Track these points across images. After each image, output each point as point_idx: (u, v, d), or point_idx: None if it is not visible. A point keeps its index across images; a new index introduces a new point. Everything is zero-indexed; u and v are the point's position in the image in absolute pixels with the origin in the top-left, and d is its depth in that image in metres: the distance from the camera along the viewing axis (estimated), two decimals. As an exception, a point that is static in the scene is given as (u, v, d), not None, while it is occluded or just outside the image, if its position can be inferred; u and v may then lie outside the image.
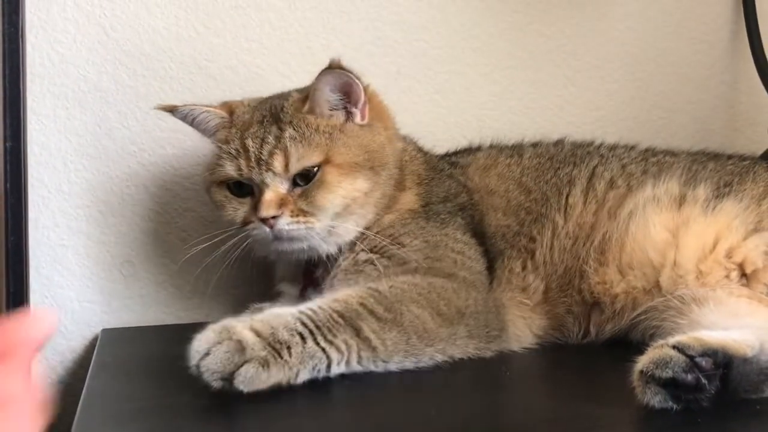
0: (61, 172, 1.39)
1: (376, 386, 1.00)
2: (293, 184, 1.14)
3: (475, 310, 1.10)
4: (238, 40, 1.44)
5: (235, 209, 1.16)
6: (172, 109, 1.22)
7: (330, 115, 1.16)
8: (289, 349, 0.93)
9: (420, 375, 1.04)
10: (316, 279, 1.21)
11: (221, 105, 1.23)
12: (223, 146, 1.17)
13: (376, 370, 1.01)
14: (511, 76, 1.60)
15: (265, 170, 1.13)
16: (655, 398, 0.86)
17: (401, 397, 0.99)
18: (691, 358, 0.86)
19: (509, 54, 1.59)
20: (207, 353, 0.91)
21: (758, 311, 1.06)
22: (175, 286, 1.44)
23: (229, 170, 1.16)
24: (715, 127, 1.71)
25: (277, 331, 0.94)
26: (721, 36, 1.70)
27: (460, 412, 0.93)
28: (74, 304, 1.41)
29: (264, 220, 1.11)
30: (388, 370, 1.02)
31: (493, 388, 1.05)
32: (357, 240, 1.17)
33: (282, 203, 1.12)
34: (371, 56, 1.50)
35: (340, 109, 1.17)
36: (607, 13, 1.64)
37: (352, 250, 1.17)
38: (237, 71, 1.44)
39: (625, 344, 1.15)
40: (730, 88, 1.72)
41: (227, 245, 1.16)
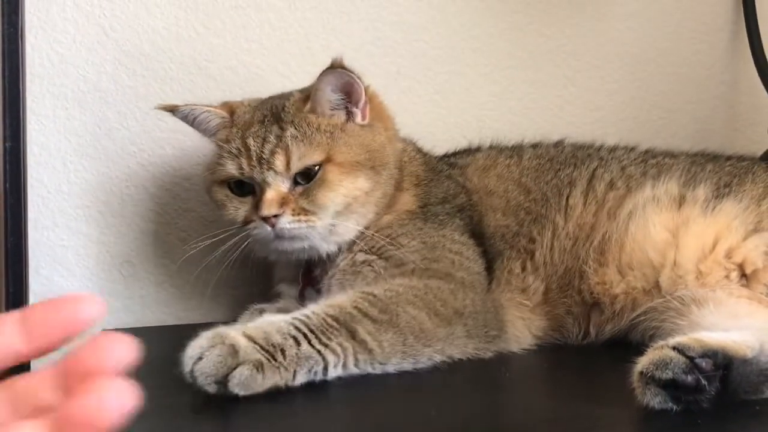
0: (61, 172, 1.39)
1: (376, 386, 1.00)
2: (294, 183, 1.14)
3: (473, 310, 1.09)
4: (238, 41, 1.44)
5: (237, 208, 1.17)
6: (173, 109, 1.22)
7: (331, 115, 1.17)
8: (283, 351, 0.93)
9: (420, 375, 1.04)
10: (315, 278, 1.22)
11: (222, 105, 1.23)
12: (224, 145, 1.17)
13: (374, 372, 1.01)
14: (511, 77, 1.60)
15: (267, 169, 1.13)
16: (654, 399, 0.86)
17: (401, 397, 0.99)
18: (691, 359, 0.86)
19: (509, 54, 1.59)
20: (200, 358, 0.90)
21: (758, 312, 1.06)
22: (174, 286, 1.44)
23: (231, 169, 1.16)
24: (715, 128, 1.71)
25: (270, 336, 0.94)
26: (721, 36, 1.70)
27: (459, 412, 0.93)
28: (74, 304, 1.40)
29: (265, 219, 1.11)
30: (387, 372, 1.02)
31: (493, 389, 1.05)
32: (357, 239, 1.17)
33: (283, 202, 1.12)
34: (371, 56, 1.50)
35: (341, 109, 1.17)
36: (607, 13, 1.64)
37: (351, 250, 1.17)
38: (237, 72, 1.44)
39: (625, 345, 1.15)
40: (730, 89, 1.72)
41: (227, 245, 1.16)
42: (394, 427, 0.90)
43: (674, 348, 0.87)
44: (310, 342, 0.95)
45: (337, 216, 1.14)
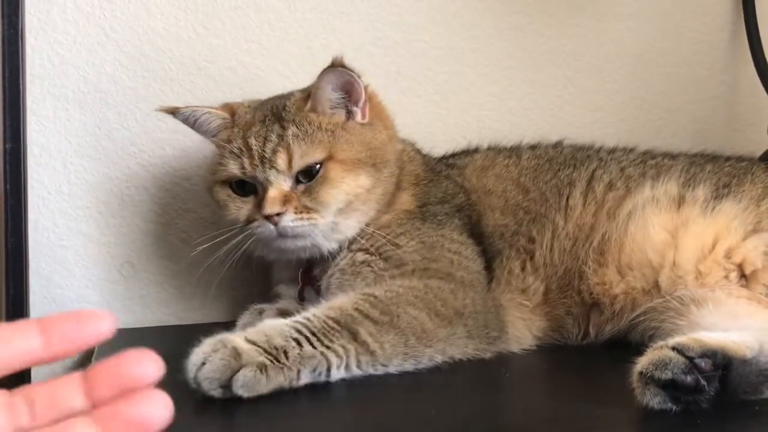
0: (61, 173, 1.39)
1: (377, 387, 1.00)
2: (296, 181, 1.14)
3: (474, 310, 1.10)
4: (238, 41, 1.44)
5: (239, 208, 1.17)
6: (174, 111, 1.22)
7: (332, 114, 1.17)
8: (286, 353, 0.93)
9: (420, 376, 1.04)
10: (314, 278, 1.22)
11: (222, 106, 1.23)
12: (226, 146, 1.17)
13: (376, 373, 1.01)
14: (511, 77, 1.60)
15: (269, 168, 1.13)
16: (654, 399, 0.86)
17: (401, 397, 0.99)
18: (691, 359, 0.86)
19: (509, 54, 1.59)
20: (203, 363, 0.90)
21: (757, 312, 1.06)
22: (175, 286, 1.45)
23: (233, 169, 1.16)
24: (714, 128, 1.71)
25: (272, 339, 0.94)
26: (721, 36, 1.70)
27: (460, 413, 0.93)
28: (74, 304, 1.41)
29: (268, 218, 1.12)
30: (388, 373, 1.02)
31: (493, 389, 1.05)
32: (358, 237, 1.17)
33: (286, 200, 1.12)
34: (371, 57, 1.50)
35: (341, 108, 1.18)
36: (607, 13, 1.64)
37: (351, 249, 1.18)
38: (237, 72, 1.44)
39: (625, 345, 1.15)
40: (729, 89, 1.72)
41: (229, 245, 1.16)
42: (395, 427, 0.90)
43: (674, 348, 0.88)
44: (312, 344, 0.96)
45: (339, 214, 1.15)
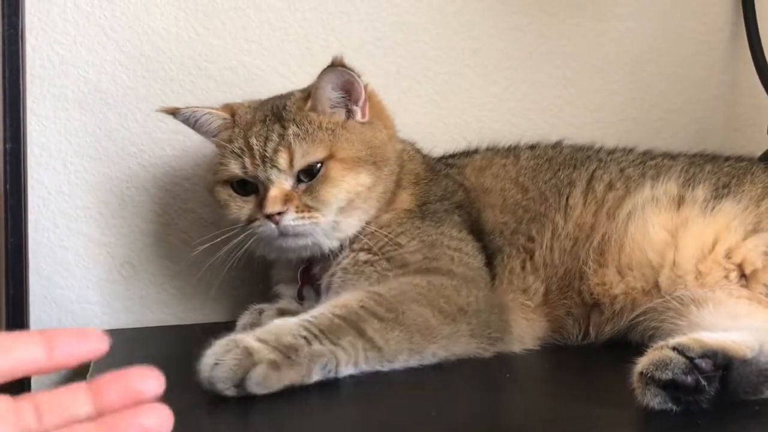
0: (61, 173, 1.39)
1: (377, 386, 1.00)
2: (297, 180, 1.14)
3: (477, 308, 1.10)
4: (238, 41, 1.45)
5: (240, 207, 1.17)
6: (174, 112, 1.22)
7: (332, 113, 1.18)
8: (296, 351, 0.94)
9: (421, 375, 1.04)
10: (313, 276, 1.22)
11: (223, 107, 1.23)
12: (227, 146, 1.18)
13: (383, 369, 1.01)
14: (511, 77, 1.60)
15: (270, 167, 1.13)
16: (654, 400, 0.86)
17: (402, 397, 0.99)
18: (691, 359, 0.86)
19: (509, 55, 1.59)
20: (216, 363, 0.91)
21: (757, 312, 1.06)
22: (175, 287, 1.45)
23: (234, 169, 1.16)
24: (714, 128, 1.71)
25: (282, 337, 0.95)
26: (721, 37, 1.70)
27: (460, 412, 0.93)
28: (74, 305, 1.41)
29: (269, 217, 1.12)
30: (395, 369, 1.02)
31: (493, 389, 1.05)
32: (360, 236, 1.18)
33: (287, 199, 1.13)
34: (371, 57, 1.51)
35: (341, 107, 1.18)
36: (607, 14, 1.64)
37: (352, 249, 1.18)
38: (237, 72, 1.44)
39: (625, 345, 1.15)
40: (729, 89, 1.72)
41: (230, 245, 1.16)
42: (395, 427, 0.90)
43: (674, 348, 0.88)
44: (320, 341, 0.96)
45: (340, 212, 1.15)
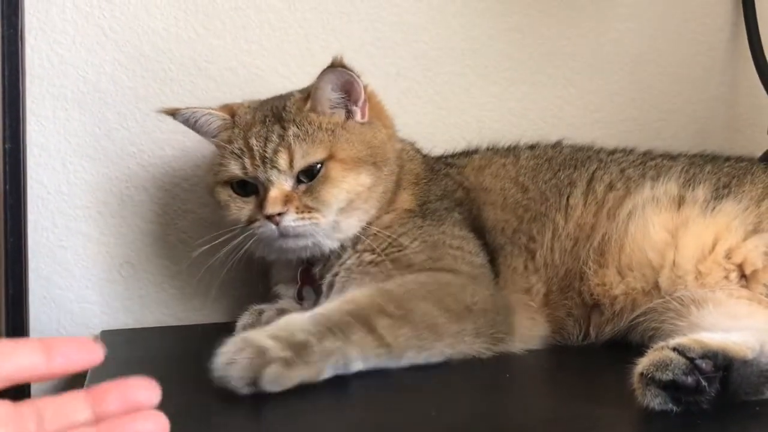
0: (61, 173, 1.39)
1: (377, 387, 1.00)
2: (297, 181, 1.15)
3: (483, 308, 1.10)
4: (238, 42, 1.44)
5: (240, 208, 1.17)
6: (174, 113, 1.22)
7: (331, 113, 1.18)
8: (308, 348, 0.94)
9: (421, 375, 1.04)
10: (313, 276, 1.22)
11: (222, 107, 1.23)
12: (227, 146, 1.18)
13: (391, 365, 1.02)
14: (511, 78, 1.60)
15: (270, 168, 1.13)
16: (655, 400, 0.86)
17: (401, 397, 0.99)
18: (692, 360, 0.86)
19: (509, 55, 1.59)
20: (230, 363, 0.91)
21: (758, 313, 1.06)
22: (174, 287, 1.45)
23: (234, 169, 1.16)
24: (714, 128, 1.71)
25: (294, 334, 0.95)
26: (721, 37, 1.70)
27: (459, 413, 0.93)
28: (73, 305, 1.41)
29: (270, 218, 1.12)
30: (396, 369, 1.03)
31: (493, 389, 1.05)
32: (360, 236, 1.18)
33: (287, 200, 1.13)
34: (371, 57, 1.50)
35: (340, 108, 1.19)
36: (607, 14, 1.64)
37: (356, 249, 1.18)
38: (237, 72, 1.44)
39: (625, 346, 1.15)
40: (729, 89, 1.72)
41: (230, 246, 1.16)
42: (395, 427, 0.90)
43: (674, 349, 0.87)
44: (331, 338, 0.97)
45: (341, 213, 1.15)
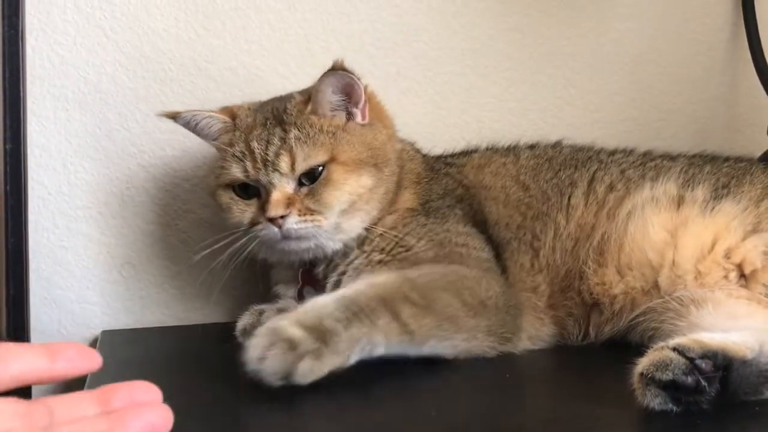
0: (61, 173, 1.39)
1: (376, 387, 1.01)
2: (299, 183, 1.15)
3: (495, 305, 1.11)
4: (238, 42, 1.45)
5: (242, 211, 1.17)
6: (175, 116, 1.22)
7: (332, 116, 1.18)
8: (337, 336, 0.95)
9: (420, 376, 1.04)
10: (315, 277, 1.22)
11: (222, 110, 1.23)
12: (228, 149, 1.18)
13: (412, 353, 1.03)
14: (511, 78, 1.60)
15: (272, 171, 1.14)
16: (654, 400, 0.86)
17: (401, 397, 0.99)
18: (691, 360, 0.86)
19: (509, 55, 1.59)
20: (262, 359, 0.91)
21: (757, 313, 1.06)
22: (175, 287, 1.45)
23: (235, 172, 1.17)
24: (714, 128, 1.71)
25: (322, 322, 0.95)
26: (721, 37, 1.70)
27: (460, 413, 0.93)
28: (74, 305, 1.41)
29: (272, 220, 1.12)
30: (389, 375, 1.03)
31: (493, 389, 1.05)
32: (368, 237, 1.18)
33: (289, 203, 1.13)
34: (371, 58, 1.51)
35: (341, 110, 1.19)
36: (607, 14, 1.64)
37: (362, 249, 1.19)
38: (237, 73, 1.44)
39: (625, 346, 1.15)
40: (729, 90, 1.72)
41: (233, 248, 1.17)
42: (395, 428, 0.90)
43: (674, 349, 0.88)
44: (359, 324, 0.97)
45: (343, 214, 1.15)
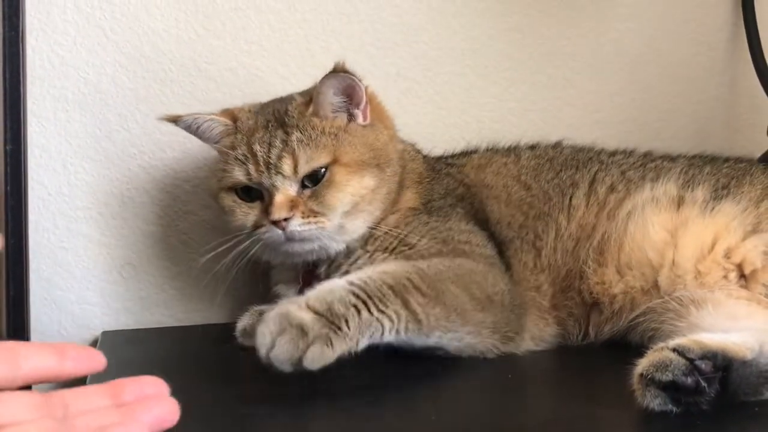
0: (61, 174, 1.39)
1: (376, 388, 1.01)
2: (302, 186, 1.15)
3: (502, 302, 1.11)
4: (238, 42, 1.44)
5: (246, 214, 1.17)
6: (176, 120, 1.22)
7: (334, 117, 1.18)
8: (347, 321, 0.95)
9: (420, 378, 1.04)
10: (317, 277, 1.22)
11: (223, 112, 1.23)
12: (230, 152, 1.18)
13: (418, 342, 1.04)
14: (511, 78, 1.60)
15: (275, 173, 1.14)
16: (654, 401, 0.86)
17: (401, 399, 1.00)
18: (691, 361, 0.86)
19: (508, 55, 1.59)
20: (273, 345, 0.92)
21: (757, 313, 1.06)
22: (175, 288, 1.45)
23: (238, 175, 1.17)
24: (714, 129, 1.71)
25: (332, 306, 0.96)
26: (721, 37, 1.70)
27: (460, 415, 0.93)
28: (74, 306, 1.41)
29: (276, 223, 1.12)
30: (388, 376, 1.03)
31: (493, 390, 1.06)
32: (372, 237, 1.18)
33: (293, 205, 1.13)
34: (371, 58, 1.50)
35: (342, 111, 1.19)
36: (607, 14, 1.64)
37: (366, 249, 1.19)
38: (237, 73, 1.44)
39: (624, 346, 1.15)
40: (729, 90, 1.72)
41: (236, 251, 1.17)
42: (395, 428, 0.90)
43: (674, 350, 0.88)
44: (369, 309, 0.98)
45: (346, 215, 1.16)
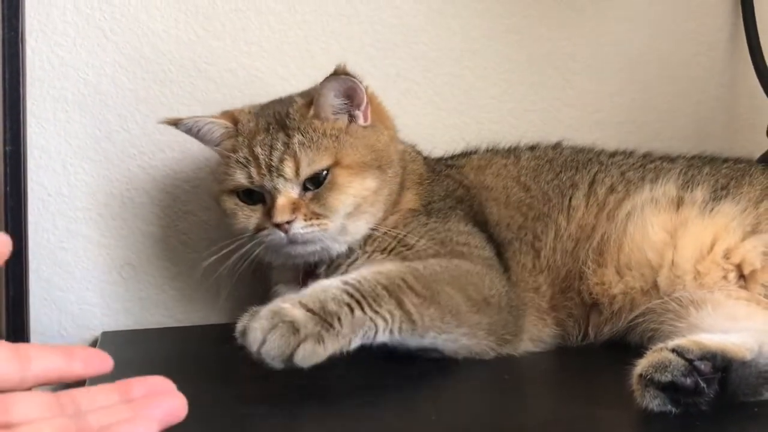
0: (61, 175, 1.39)
1: (376, 388, 1.01)
2: (303, 188, 1.15)
3: (498, 304, 1.11)
4: (238, 43, 1.45)
5: (248, 217, 1.17)
6: (176, 123, 1.22)
7: (335, 119, 1.18)
8: (339, 319, 0.95)
9: (419, 378, 1.04)
10: (318, 277, 1.22)
11: (223, 114, 1.23)
12: (231, 155, 1.18)
13: (412, 343, 1.04)
14: (510, 79, 1.60)
15: (277, 176, 1.14)
16: (654, 402, 0.86)
17: (401, 399, 1.00)
18: (690, 361, 0.86)
19: (508, 56, 1.59)
20: (264, 341, 0.92)
21: (757, 314, 1.06)
22: (175, 288, 1.45)
23: (240, 178, 1.17)
24: (714, 129, 1.71)
25: (326, 304, 0.95)
26: (720, 38, 1.70)
27: (459, 415, 0.93)
28: (74, 306, 1.41)
29: (278, 226, 1.12)
30: (388, 377, 1.03)
31: (493, 391, 1.06)
32: (370, 238, 1.18)
33: (295, 208, 1.13)
34: (371, 59, 1.51)
35: (343, 113, 1.18)
36: (607, 15, 1.64)
37: (365, 250, 1.19)
38: (236, 74, 1.44)
39: (624, 347, 1.15)
40: (728, 91, 1.72)
41: (238, 254, 1.17)
42: (395, 428, 0.90)
43: (673, 350, 0.88)
44: (362, 309, 0.97)
45: (348, 217, 1.16)
